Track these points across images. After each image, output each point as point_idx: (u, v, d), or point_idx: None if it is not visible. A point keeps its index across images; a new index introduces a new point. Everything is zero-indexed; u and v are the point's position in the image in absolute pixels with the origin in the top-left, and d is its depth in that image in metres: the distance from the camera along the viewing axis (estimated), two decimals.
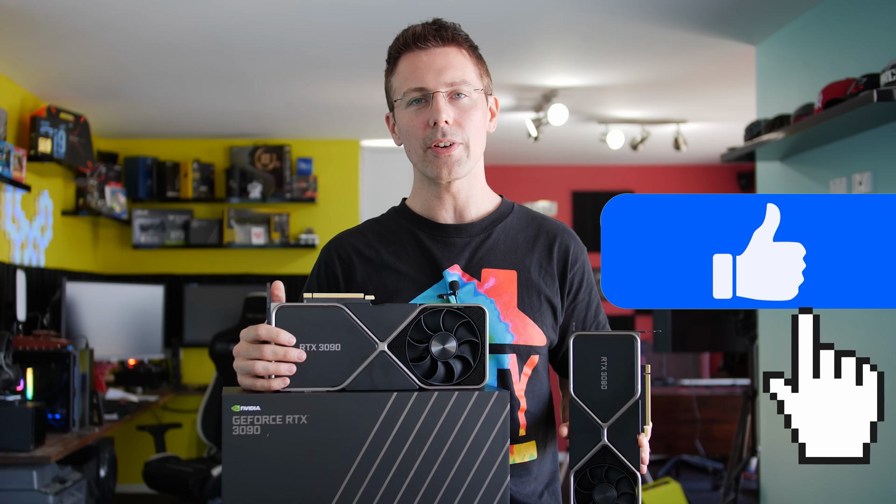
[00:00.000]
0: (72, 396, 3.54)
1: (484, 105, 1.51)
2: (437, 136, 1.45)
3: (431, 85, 1.45)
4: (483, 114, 1.50)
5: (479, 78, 1.50)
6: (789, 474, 3.61)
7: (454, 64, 1.47)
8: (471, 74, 1.48)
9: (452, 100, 1.47)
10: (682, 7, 3.41)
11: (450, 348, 1.27)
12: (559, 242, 1.56)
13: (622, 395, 1.24)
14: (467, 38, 1.51)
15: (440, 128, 1.45)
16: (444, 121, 1.44)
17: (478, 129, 1.49)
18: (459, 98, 1.47)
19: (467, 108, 1.47)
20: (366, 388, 1.25)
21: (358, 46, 3.90)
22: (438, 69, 1.46)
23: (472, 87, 1.48)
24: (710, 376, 6.58)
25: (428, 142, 1.46)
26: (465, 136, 1.47)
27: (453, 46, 1.48)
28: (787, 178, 3.58)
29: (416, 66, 1.47)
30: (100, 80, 4.47)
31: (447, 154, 1.46)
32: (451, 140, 1.46)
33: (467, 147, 1.48)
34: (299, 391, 1.24)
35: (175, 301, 5.86)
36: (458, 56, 1.48)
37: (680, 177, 7.29)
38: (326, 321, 1.26)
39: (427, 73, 1.46)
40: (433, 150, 1.46)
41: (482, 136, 1.51)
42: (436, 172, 1.48)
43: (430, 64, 1.46)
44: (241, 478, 1.20)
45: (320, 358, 1.25)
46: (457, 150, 1.47)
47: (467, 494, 1.22)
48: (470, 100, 1.47)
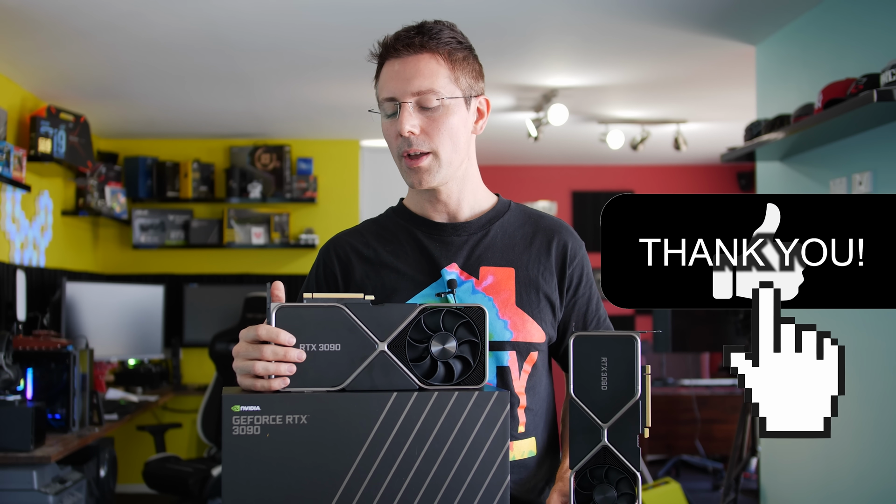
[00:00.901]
0: (72, 396, 3.54)
1: (461, 110, 1.49)
2: (404, 147, 1.46)
3: (399, 95, 1.45)
4: (460, 119, 1.48)
5: (453, 83, 1.47)
6: (789, 474, 3.61)
7: (423, 72, 1.45)
8: (442, 81, 1.46)
9: (421, 109, 1.46)
10: (682, 7, 3.41)
11: (450, 348, 1.27)
12: (557, 239, 1.56)
13: (622, 396, 1.24)
14: (450, 41, 1.48)
15: (406, 138, 1.45)
16: (409, 131, 1.45)
17: (452, 135, 1.47)
18: (428, 107, 1.46)
19: (437, 116, 1.46)
20: (366, 388, 1.25)
21: (358, 46, 3.90)
22: (407, 78, 1.45)
23: (443, 94, 1.46)
24: (710, 376, 6.58)
25: (399, 151, 1.48)
26: (434, 145, 1.46)
27: (425, 53, 1.46)
28: (787, 178, 3.58)
29: (389, 75, 1.47)
30: (100, 80, 4.47)
31: (416, 165, 1.47)
32: (418, 150, 1.46)
33: (437, 156, 1.47)
34: (299, 391, 1.24)
35: (175, 301, 5.86)
36: (430, 63, 1.46)
37: (680, 177, 7.29)
38: (326, 321, 1.26)
39: (397, 82, 1.46)
40: (405, 159, 1.48)
41: (459, 141, 1.49)
42: (409, 181, 1.50)
43: (401, 73, 1.46)
44: (241, 478, 1.20)
45: (320, 358, 1.25)
46: (425, 160, 1.47)
47: (467, 494, 1.22)
48: (442, 107, 1.46)
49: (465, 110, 1.50)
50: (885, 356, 2.90)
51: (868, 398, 3.00)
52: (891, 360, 2.88)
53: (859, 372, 3.05)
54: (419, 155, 1.46)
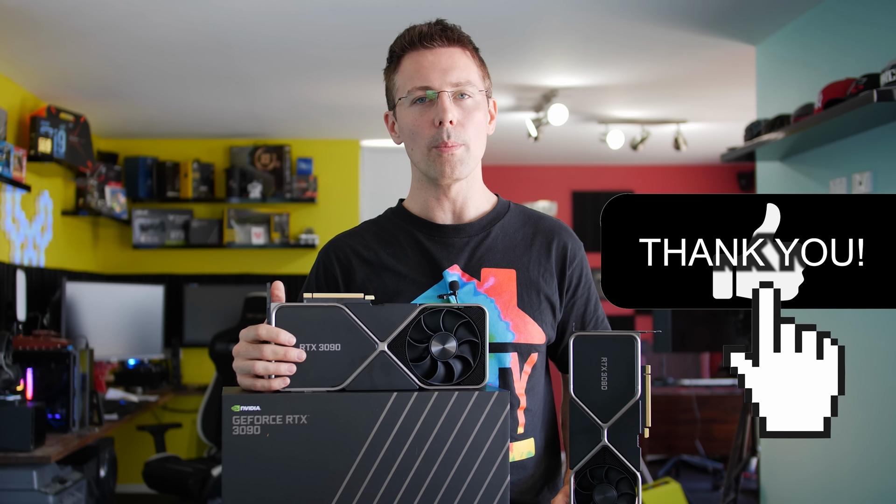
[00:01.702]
0: (72, 396, 3.54)
1: (485, 107, 1.52)
2: (441, 136, 1.45)
3: (437, 84, 1.45)
4: (484, 115, 1.51)
5: (481, 80, 1.50)
6: (789, 474, 3.61)
7: (459, 64, 1.47)
8: (474, 76, 1.49)
9: (457, 100, 1.47)
10: (682, 7, 3.41)
11: (450, 348, 1.27)
12: (557, 240, 1.57)
13: (622, 396, 1.24)
14: (470, 39, 1.51)
15: (445, 128, 1.45)
16: (450, 121, 1.45)
17: (479, 130, 1.49)
18: (463, 99, 1.47)
19: (470, 109, 1.47)
20: (366, 388, 1.25)
21: (358, 46, 3.90)
22: (444, 69, 1.46)
23: (476, 88, 1.48)
24: (710, 376, 6.58)
25: (433, 142, 1.46)
26: (468, 137, 1.47)
27: (458, 47, 1.48)
28: (787, 178, 3.58)
29: (422, 64, 1.47)
30: (100, 80, 4.47)
31: (450, 153, 1.46)
32: (455, 141, 1.46)
33: (468, 148, 1.48)
34: (299, 391, 1.24)
35: (175, 301, 5.86)
36: (463, 57, 1.48)
37: (680, 177, 7.29)
38: (326, 321, 1.26)
39: (433, 72, 1.46)
40: (437, 149, 1.46)
41: (483, 138, 1.51)
42: (439, 171, 1.48)
43: (436, 63, 1.46)
44: (241, 478, 1.20)
45: (320, 358, 1.25)
46: (459, 150, 1.47)
47: (467, 494, 1.22)
48: (473, 101, 1.48)
49: (486, 107, 1.52)
50: (885, 356, 2.90)
51: (868, 398, 3.00)
52: (891, 360, 2.88)
53: (859, 372, 3.05)
54: (454, 145, 1.47)
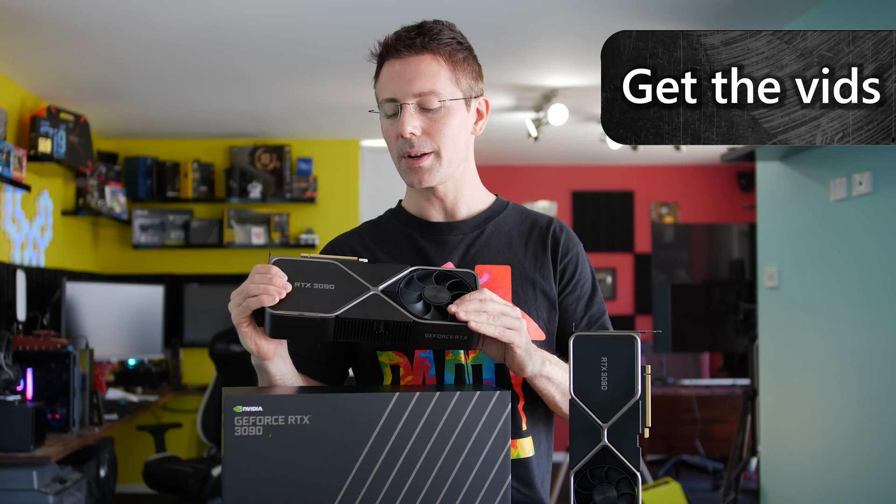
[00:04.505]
0: (72, 396, 3.54)
1: (462, 111, 1.49)
2: (405, 147, 1.47)
3: (400, 95, 1.46)
4: (461, 120, 1.49)
5: (454, 84, 1.48)
6: (789, 474, 3.61)
7: (425, 73, 1.45)
8: (443, 82, 1.46)
9: (422, 110, 1.46)
10: (682, 7, 3.41)
11: (442, 296, 1.31)
12: (552, 235, 1.57)
13: (622, 396, 1.24)
14: (450, 42, 1.48)
15: (407, 139, 1.46)
16: (411, 132, 1.45)
17: (453, 136, 1.48)
18: (429, 108, 1.46)
19: (438, 117, 1.46)
20: (359, 317, 1.26)
21: (358, 46, 3.90)
22: (408, 79, 1.45)
23: (444, 95, 1.46)
24: (710, 376, 6.59)
25: (400, 152, 1.48)
26: (435, 145, 1.47)
27: (427, 54, 1.46)
28: (787, 178, 3.58)
29: (390, 75, 1.47)
30: (100, 80, 4.47)
31: (417, 164, 1.47)
32: (419, 150, 1.46)
33: (438, 155, 1.48)
34: (296, 315, 1.24)
35: (175, 301, 5.86)
36: (432, 64, 1.46)
37: (680, 177, 7.29)
38: (322, 272, 1.30)
39: (399, 83, 1.46)
40: (405, 160, 1.48)
41: (459, 142, 1.50)
42: (409, 181, 1.50)
43: (402, 73, 1.46)
44: (242, 478, 1.20)
45: (314, 293, 1.28)
46: (427, 160, 1.47)
47: (469, 494, 1.22)
48: (444, 108, 1.47)
49: (465, 111, 1.50)
50: (885, 356, 2.90)
51: (867, 398, 3.00)
52: (890, 360, 2.88)
53: (859, 372, 3.05)
54: (420, 155, 1.47)
